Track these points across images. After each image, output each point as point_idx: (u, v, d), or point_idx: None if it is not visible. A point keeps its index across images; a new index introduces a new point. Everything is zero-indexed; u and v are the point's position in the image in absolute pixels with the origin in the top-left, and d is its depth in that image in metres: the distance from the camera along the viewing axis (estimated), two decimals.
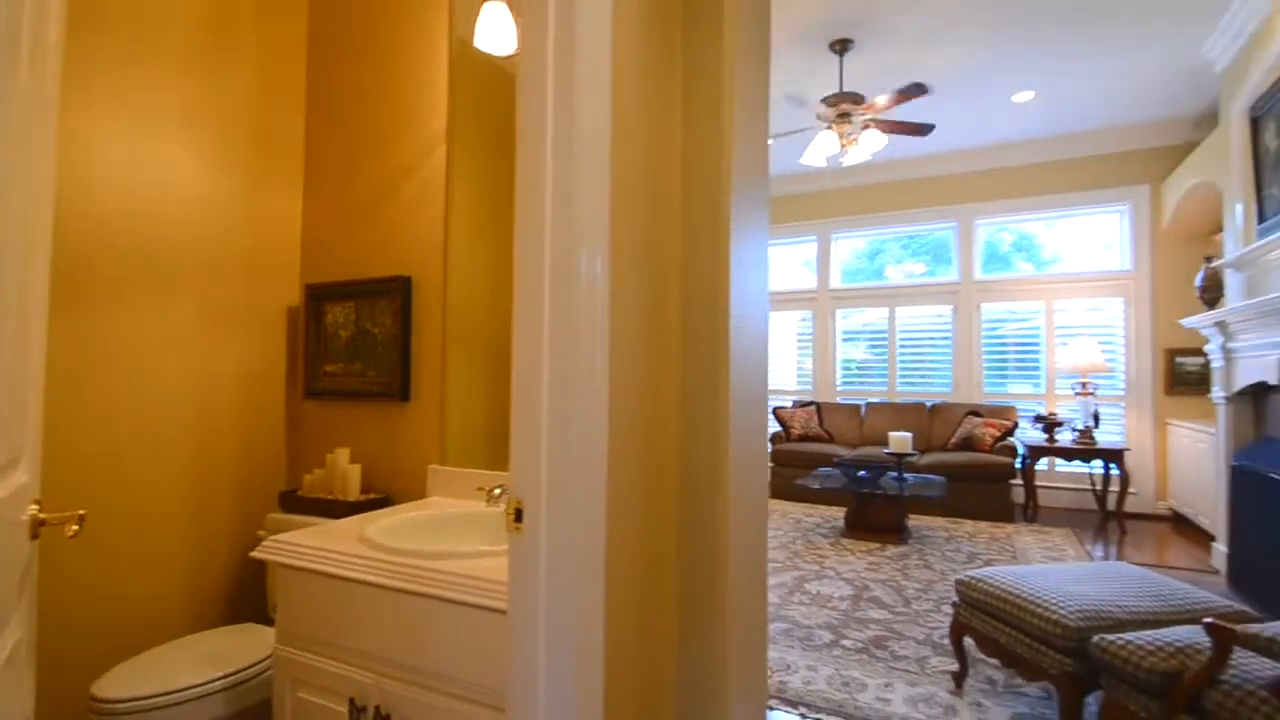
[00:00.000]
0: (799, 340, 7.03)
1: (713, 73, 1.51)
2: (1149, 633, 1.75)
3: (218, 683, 1.62)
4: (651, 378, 1.44)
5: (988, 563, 3.92)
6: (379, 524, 1.57)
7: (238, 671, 1.66)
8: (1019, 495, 5.32)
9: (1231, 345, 3.57)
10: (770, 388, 7.03)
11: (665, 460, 1.50)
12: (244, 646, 1.77)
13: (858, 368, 6.74)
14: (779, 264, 7.36)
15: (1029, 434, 5.45)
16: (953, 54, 4.13)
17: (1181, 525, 4.95)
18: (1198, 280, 3.88)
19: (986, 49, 4.07)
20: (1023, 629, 2.06)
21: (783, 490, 5.88)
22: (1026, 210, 5.83)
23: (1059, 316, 5.72)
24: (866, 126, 4.07)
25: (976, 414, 5.58)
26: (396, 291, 1.97)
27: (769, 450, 6.22)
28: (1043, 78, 4.48)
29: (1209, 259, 3.91)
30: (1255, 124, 3.45)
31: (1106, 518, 5.12)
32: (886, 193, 6.41)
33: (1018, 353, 5.94)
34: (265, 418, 2.13)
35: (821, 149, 4.12)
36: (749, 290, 1.63)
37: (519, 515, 1.06)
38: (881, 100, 3.91)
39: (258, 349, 2.13)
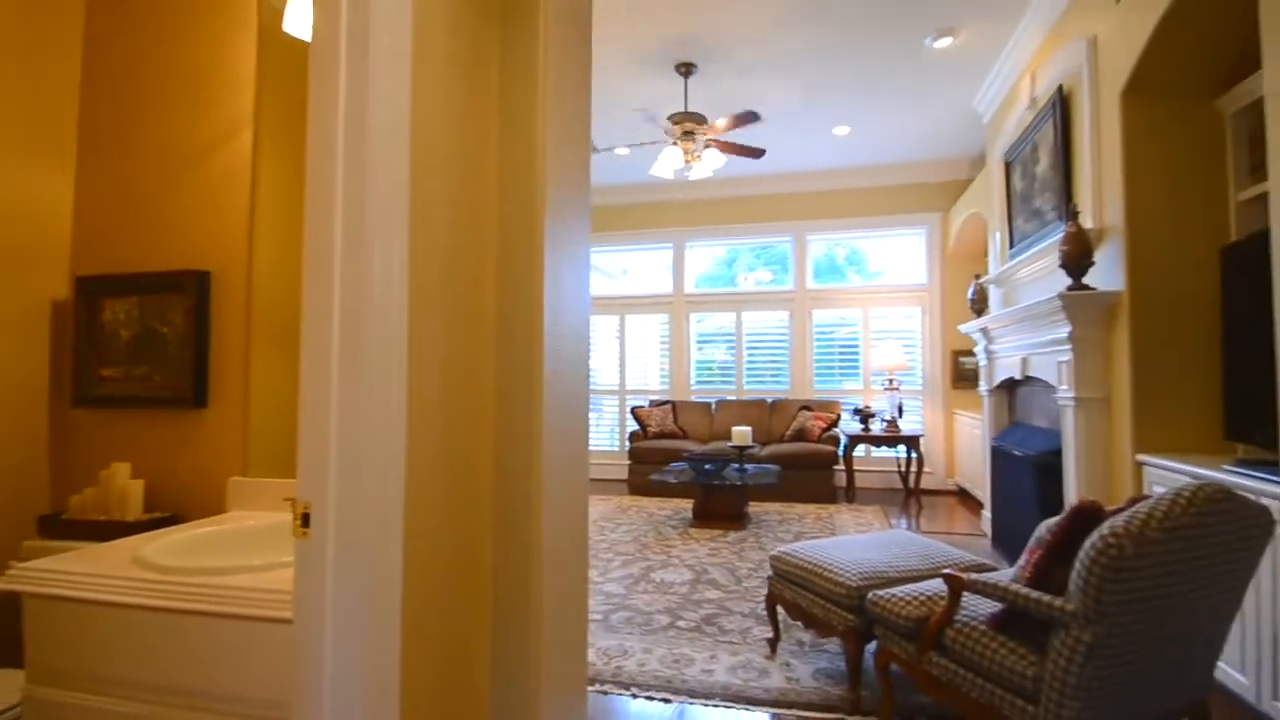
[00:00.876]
0: (661, 342, 7.33)
1: (527, 86, 1.57)
2: (909, 586, 2.08)
3: None
4: (461, 381, 1.47)
5: (812, 538, 4.35)
6: (159, 543, 1.44)
7: None
8: (842, 479, 5.97)
9: (992, 348, 4.30)
10: (632, 388, 7.15)
11: (477, 462, 1.53)
12: None
13: (719, 368, 7.17)
14: (641, 268, 7.62)
15: (851, 425, 6.14)
16: (784, 87, 4.56)
17: (965, 498, 5.85)
18: (970, 293, 4.63)
19: (810, 87, 4.56)
20: (818, 592, 2.35)
21: (640, 486, 6.10)
22: (848, 229, 6.58)
23: (874, 323, 6.51)
24: (709, 145, 4.37)
25: (808, 408, 6.18)
26: (191, 287, 1.80)
27: (627, 448, 6.41)
28: (856, 116, 5.09)
29: (978, 276, 4.68)
30: (1008, 168, 4.19)
31: (909, 494, 5.91)
32: (733, 207, 6.89)
33: (842, 353, 6.67)
34: (20, 429, 1.84)
35: (668, 162, 4.35)
36: (567, 295, 1.70)
37: (305, 520, 1.04)
38: (721, 122, 4.21)
39: (11, 349, 1.84)
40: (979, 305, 4.56)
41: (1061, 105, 3.20)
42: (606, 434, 7.39)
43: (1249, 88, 2.39)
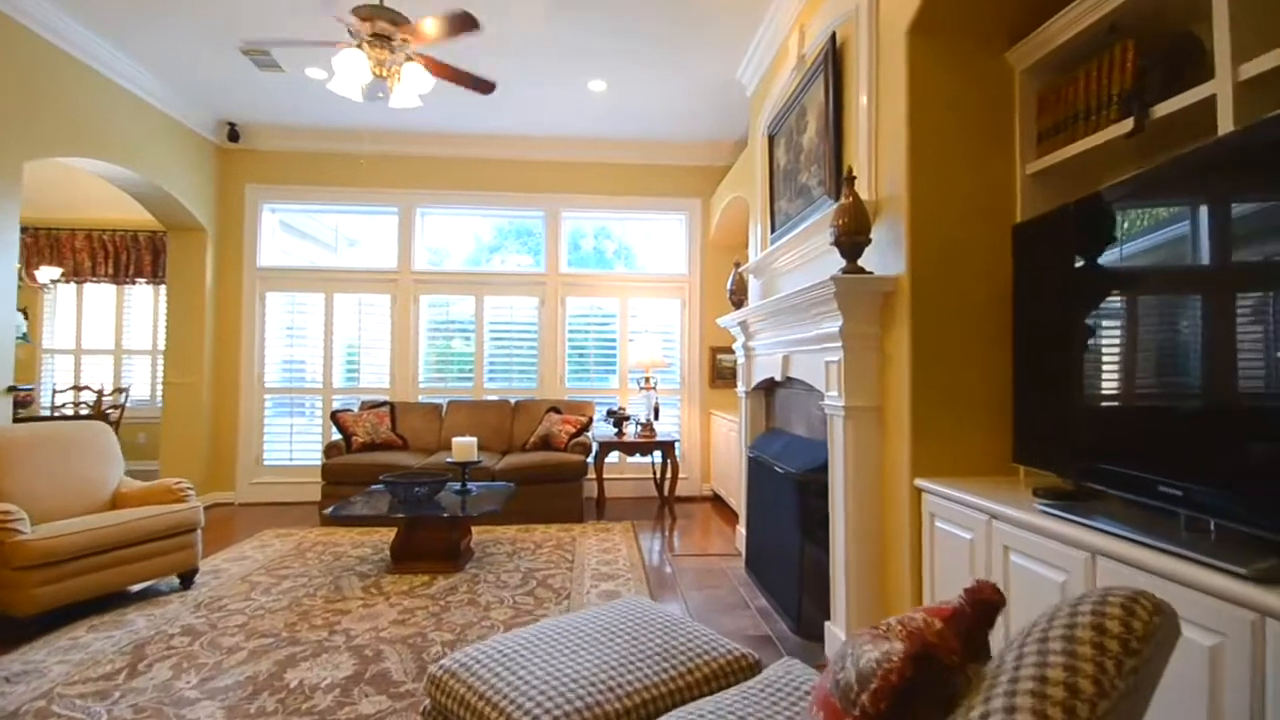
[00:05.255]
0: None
1: None
2: None
3: None
4: None
5: (543, 582, 3.45)
6: None
7: None
8: (592, 488, 5.21)
9: (751, 344, 3.84)
10: (348, 386, 5.44)
11: None
12: None
13: (460, 362, 5.88)
14: (374, 239, 6.04)
15: (603, 428, 5.42)
16: (526, 9, 3.55)
17: (719, 505, 5.51)
18: (729, 284, 4.16)
19: (558, 18, 3.63)
20: None
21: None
22: (607, 208, 5.85)
23: (632, 314, 5.89)
24: (411, 59, 3.14)
25: (557, 410, 5.30)
26: None
27: (321, 464, 4.82)
28: (613, 68, 4.32)
29: (737, 264, 4.24)
30: (771, 143, 3.75)
31: (663, 504, 5.39)
32: (476, 170, 5.72)
33: (599, 348, 5.93)
34: None
35: (351, 72, 3.00)
36: None
37: None
38: (430, 26, 3.02)
39: None
40: (738, 297, 4.10)
41: (834, 56, 2.71)
42: (316, 445, 5.64)
43: (1040, 40, 2.02)
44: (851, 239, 2.25)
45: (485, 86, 3.42)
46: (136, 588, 3.35)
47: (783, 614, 2.97)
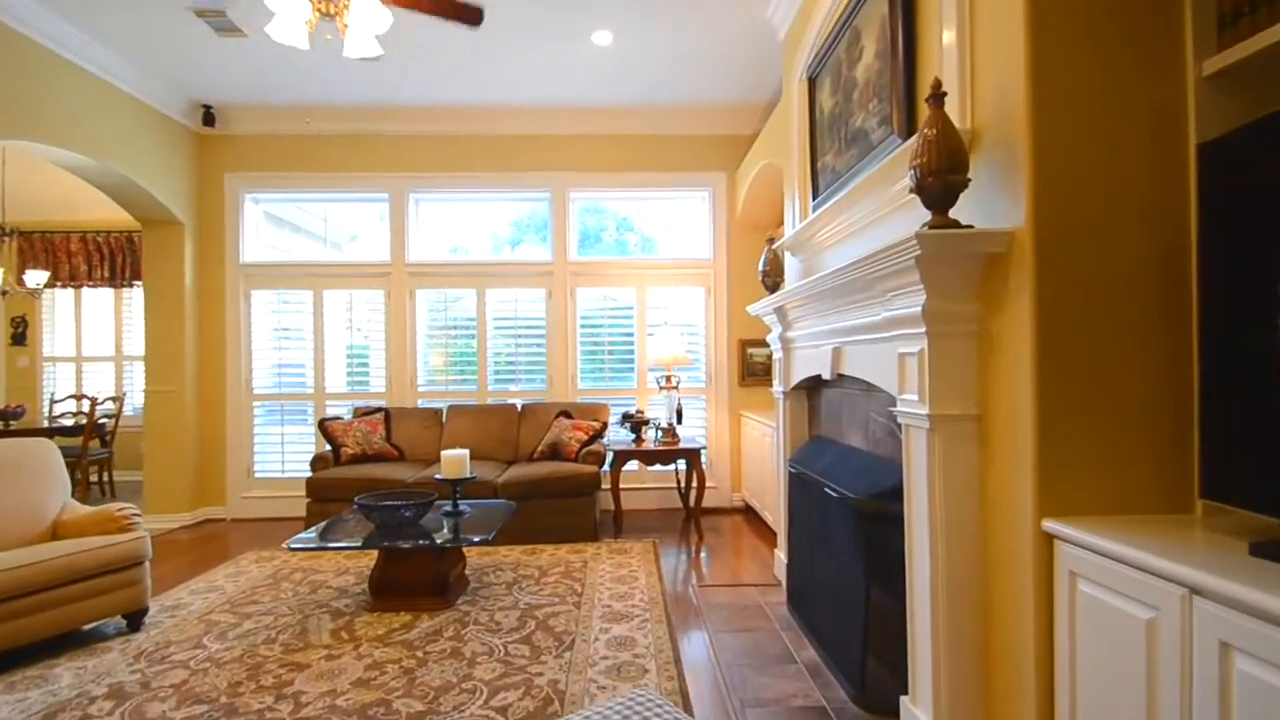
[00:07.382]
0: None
1: None
2: None
3: None
4: None
5: (543, 623, 2.88)
6: None
7: None
8: (608, 500, 4.63)
9: (790, 335, 3.21)
10: (346, 391, 4.53)
11: None
12: None
13: (480, 362, 5.35)
14: (377, 233, 5.55)
15: (619, 434, 4.83)
16: None
17: (753, 517, 4.89)
18: (761, 264, 3.53)
19: None
20: None
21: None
22: (620, 186, 5.24)
23: (651, 305, 5.27)
24: None
25: (567, 415, 4.73)
26: None
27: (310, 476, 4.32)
28: (620, 18, 3.72)
29: (771, 240, 3.61)
30: (812, 86, 3.11)
31: (688, 518, 4.79)
32: (472, 147, 5.16)
33: (613, 344, 5.34)
34: None
35: (289, 12, 2.44)
36: None
37: None
38: None
39: None
40: (772, 279, 3.46)
41: None
42: (309, 455, 5.13)
43: None
44: (942, 180, 1.61)
45: (467, 13, 2.82)
46: (84, 628, 2.89)
47: (839, 674, 2.34)
